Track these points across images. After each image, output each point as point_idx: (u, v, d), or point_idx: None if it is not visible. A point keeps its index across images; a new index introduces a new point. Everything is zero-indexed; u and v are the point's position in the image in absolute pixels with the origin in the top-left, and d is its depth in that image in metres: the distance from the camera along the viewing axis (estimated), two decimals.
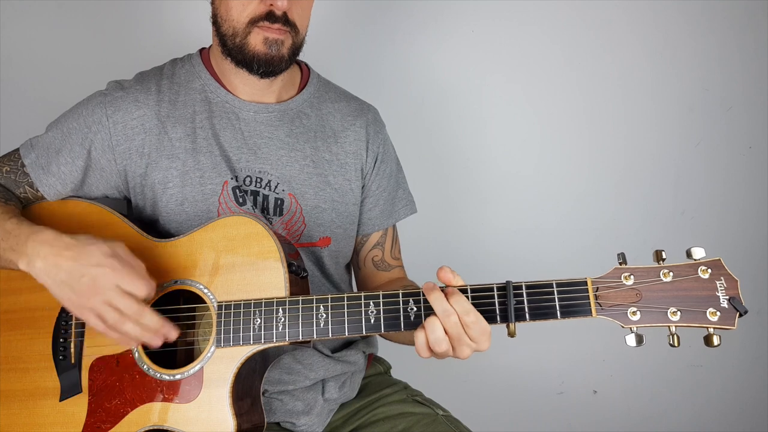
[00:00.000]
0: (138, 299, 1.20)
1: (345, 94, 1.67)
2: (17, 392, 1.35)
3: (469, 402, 1.83)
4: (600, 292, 1.13)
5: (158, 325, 1.22)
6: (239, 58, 1.43)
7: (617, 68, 2.28)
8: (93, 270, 1.20)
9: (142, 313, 1.20)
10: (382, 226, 1.65)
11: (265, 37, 1.40)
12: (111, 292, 1.19)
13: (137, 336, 1.22)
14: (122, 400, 1.29)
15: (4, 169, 1.47)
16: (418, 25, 2.22)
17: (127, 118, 1.45)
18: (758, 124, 2.35)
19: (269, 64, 1.42)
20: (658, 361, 2.37)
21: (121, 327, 1.21)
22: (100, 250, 1.21)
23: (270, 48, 1.40)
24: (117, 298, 1.19)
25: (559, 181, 2.31)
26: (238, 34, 1.41)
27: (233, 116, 1.50)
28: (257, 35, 1.40)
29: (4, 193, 1.44)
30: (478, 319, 1.14)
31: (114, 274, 1.19)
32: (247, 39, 1.40)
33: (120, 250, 1.23)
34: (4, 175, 1.47)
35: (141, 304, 1.21)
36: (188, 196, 1.44)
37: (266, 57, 1.41)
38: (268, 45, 1.40)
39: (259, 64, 1.41)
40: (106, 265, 1.20)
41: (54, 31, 2.03)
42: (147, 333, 1.22)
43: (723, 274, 1.11)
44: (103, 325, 1.21)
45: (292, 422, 1.49)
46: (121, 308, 1.20)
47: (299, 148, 1.52)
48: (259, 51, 1.40)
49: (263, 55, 1.40)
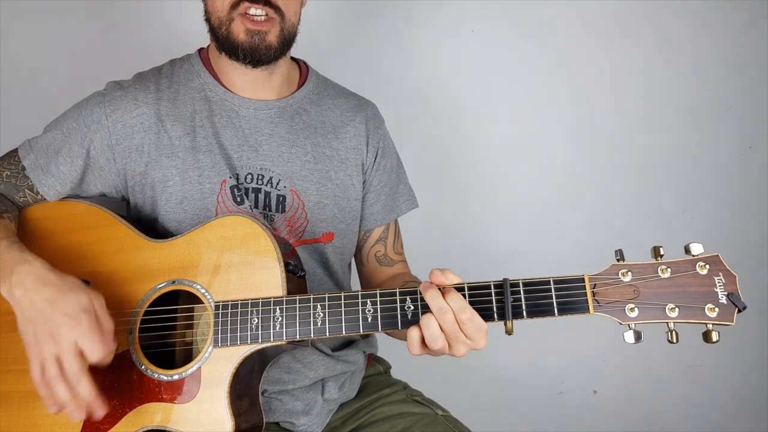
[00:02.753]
0: (84, 363, 1.17)
1: (344, 90, 1.68)
2: (16, 393, 1.34)
3: (468, 402, 1.83)
4: (597, 289, 1.13)
5: (89, 398, 1.18)
6: (227, 48, 1.45)
7: (617, 68, 2.28)
8: (60, 318, 1.18)
9: (80, 381, 1.17)
10: (384, 221, 1.65)
11: (247, 28, 1.41)
12: (65, 347, 1.17)
13: (64, 401, 1.18)
14: (120, 400, 1.28)
15: (5, 174, 1.47)
16: (418, 24, 2.22)
17: (126, 117, 1.45)
18: (758, 124, 2.35)
19: (255, 53, 1.43)
20: (658, 361, 2.37)
21: (54, 386, 1.18)
22: (77, 300, 1.19)
23: (252, 38, 1.42)
24: (66, 355, 1.17)
25: (559, 181, 2.31)
26: (223, 23, 1.43)
27: (233, 114, 1.51)
28: (239, 24, 1.42)
29: (2, 202, 1.44)
30: (473, 316, 1.13)
31: (78, 330, 1.17)
32: (230, 27, 1.42)
33: (97, 305, 1.21)
34: (4, 180, 1.47)
35: (83, 371, 1.17)
36: (188, 194, 1.44)
37: (250, 45, 1.42)
38: (249, 35, 1.42)
39: (244, 53, 1.43)
40: (74, 318, 1.17)
41: (54, 31, 2.03)
42: (74, 402, 1.18)
43: (721, 270, 1.10)
44: (40, 376, 1.19)
45: (292, 422, 1.49)
46: (65, 366, 1.17)
47: (300, 144, 1.53)
48: (242, 40, 1.42)
49: (246, 44, 1.42)
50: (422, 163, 2.11)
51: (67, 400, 1.18)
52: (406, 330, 1.24)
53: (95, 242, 1.38)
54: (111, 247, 1.37)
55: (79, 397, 1.18)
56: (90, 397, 1.18)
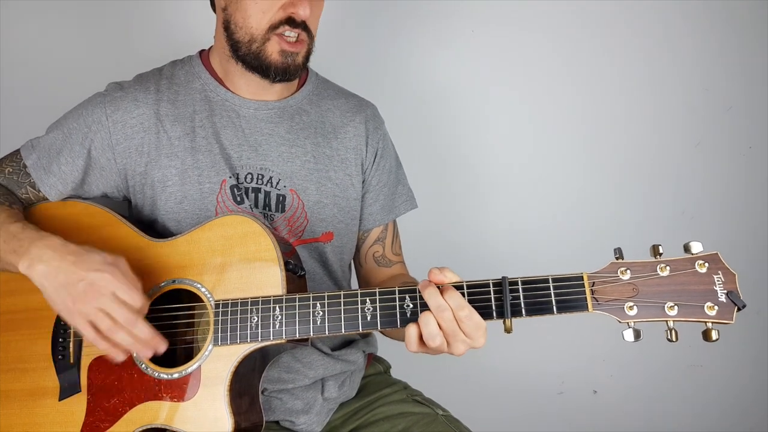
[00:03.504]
0: (132, 309, 1.20)
1: (344, 91, 1.69)
2: (17, 392, 1.35)
3: (468, 402, 1.82)
4: (596, 287, 1.13)
5: (149, 337, 1.22)
6: (254, 64, 1.45)
7: (617, 68, 2.28)
8: (92, 275, 1.20)
9: (136, 323, 1.20)
10: (382, 222, 1.66)
11: (282, 50, 1.42)
12: (106, 299, 1.19)
13: (128, 345, 1.21)
14: (121, 399, 1.29)
15: (7, 170, 1.48)
16: (418, 24, 2.22)
17: (126, 117, 1.46)
18: (758, 124, 2.34)
19: (286, 72, 1.45)
20: (658, 361, 2.36)
21: (113, 335, 1.20)
22: (101, 257, 1.22)
23: (286, 59, 1.43)
24: (112, 306, 1.19)
25: (559, 181, 2.31)
26: (256, 40, 1.43)
27: (234, 114, 1.51)
28: (274, 45, 1.42)
29: (8, 195, 1.45)
30: (471, 314, 1.14)
31: (112, 281, 1.20)
32: (264, 46, 1.43)
33: (121, 263, 1.23)
34: (6, 176, 1.48)
35: (135, 313, 1.20)
36: (188, 194, 1.45)
37: (283, 66, 1.44)
38: (284, 56, 1.43)
39: (276, 73, 1.44)
40: (106, 271, 1.20)
41: (54, 32, 2.03)
42: (138, 344, 1.21)
43: (720, 268, 1.10)
44: (95, 332, 1.21)
45: (291, 421, 1.50)
46: (115, 316, 1.20)
47: (300, 144, 1.53)
48: (276, 60, 1.43)
49: (280, 64, 1.43)
50: (421, 163, 2.10)
51: (130, 344, 1.21)
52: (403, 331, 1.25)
53: (96, 242, 1.38)
54: (112, 246, 1.37)
55: (139, 339, 1.21)
56: (150, 335, 1.21)
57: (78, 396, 1.32)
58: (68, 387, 1.33)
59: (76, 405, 1.31)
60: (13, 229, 1.30)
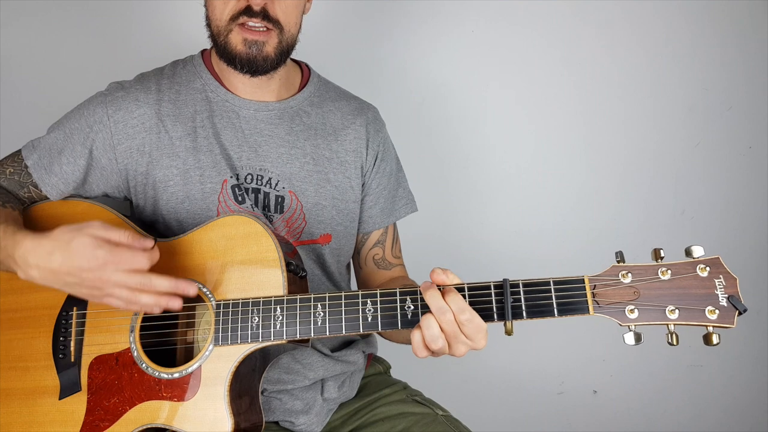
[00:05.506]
0: (141, 270, 1.20)
1: (345, 93, 1.68)
2: (17, 391, 1.35)
3: (468, 402, 1.83)
4: (597, 290, 1.13)
5: (171, 286, 1.21)
6: (225, 57, 1.46)
7: (617, 68, 2.28)
8: (86, 274, 1.20)
9: (151, 281, 1.20)
10: (382, 224, 1.66)
11: (244, 38, 1.42)
12: (117, 276, 1.19)
13: (155, 303, 1.21)
14: (121, 398, 1.29)
15: (8, 171, 1.48)
16: (417, 25, 2.22)
17: (127, 117, 1.46)
18: (758, 124, 2.35)
19: (252, 64, 1.43)
20: (658, 361, 2.37)
21: (137, 300, 1.21)
22: (82, 246, 1.20)
23: (250, 48, 1.42)
24: (124, 278, 1.19)
25: (559, 181, 2.31)
26: (221, 32, 1.43)
27: (234, 115, 1.51)
28: (237, 35, 1.42)
29: (4, 195, 1.44)
30: (473, 316, 1.14)
31: (112, 262, 1.19)
32: (228, 38, 1.43)
33: (100, 232, 1.21)
34: (8, 177, 1.47)
35: (146, 274, 1.20)
36: (189, 194, 1.45)
37: (247, 56, 1.43)
38: (247, 45, 1.42)
39: (241, 64, 1.44)
40: (96, 260, 1.19)
41: (54, 32, 2.03)
42: (163, 298, 1.21)
43: (722, 273, 1.10)
44: (125, 303, 1.22)
45: (291, 421, 1.50)
46: (131, 285, 1.20)
47: (299, 146, 1.53)
48: (240, 51, 1.43)
49: (244, 54, 1.43)
50: (422, 165, 2.11)
51: (155, 301, 1.21)
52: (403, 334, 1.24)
53: None
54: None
55: (163, 292, 1.21)
56: (171, 285, 1.21)
57: (78, 395, 1.32)
58: (69, 386, 1.33)
59: (76, 404, 1.31)
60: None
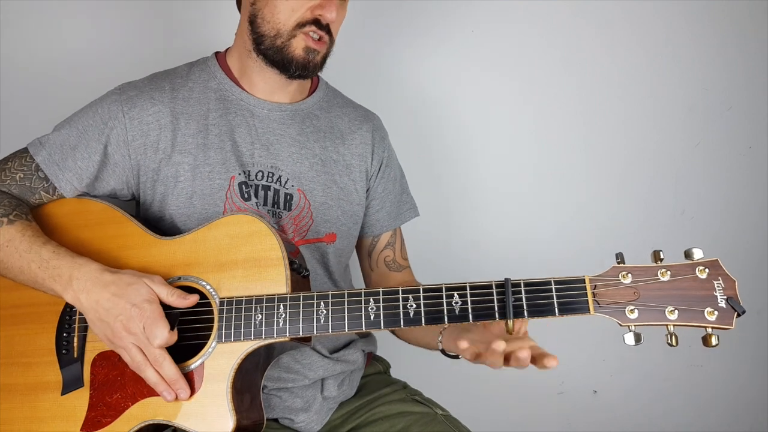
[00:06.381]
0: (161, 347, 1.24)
1: (350, 101, 1.73)
2: (19, 386, 1.36)
3: (468, 402, 1.83)
4: (598, 290, 1.14)
5: (173, 377, 1.25)
6: (276, 58, 1.48)
7: (617, 68, 2.28)
8: (127, 312, 1.24)
9: (162, 363, 1.24)
10: (390, 227, 1.70)
11: (307, 46, 1.46)
12: (140, 337, 1.24)
13: (155, 382, 1.25)
14: (123, 394, 1.29)
15: (18, 176, 1.46)
16: (416, 27, 2.21)
17: (143, 114, 1.47)
18: (758, 124, 2.35)
19: (305, 69, 1.48)
20: (658, 361, 2.37)
21: (144, 370, 1.25)
22: (137, 292, 1.26)
23: (308, 54, 1.47)
24: (144, 343, 1.24)
25: (559, 182, 2.31)
26: (282, 36, 1.46)
27: (248, 113, 1.54)
28: (300, 41, 1.46)
29: (20, 207, 1.43)
30: None
31: (142, 319, 1.23)
32: (289, 42, 1.46)
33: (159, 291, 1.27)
34: (18, 183, 1.46)
35: (164, 354, 1.24)
36: (198, 190, 1.46)
37: (304, 62, 1.47)
38: (307, 52, 1.46)
39: (296, 68, 1.48)
40: (139, 308, 1.24)
41: (54, 32, 2.02)
42: (163, 383, 1.25)
43: (721, 274, 1.11)
44: (133, 363, 1.27)
45: (291, 419, 1.51)
46: (147, 353, 1.25)
47: (309, 147, 1.56)
48: (299, 56, 1.46)
49: (302, 60, 1.47)
50: (422, 166, 2.11)
51: (157, 381, 1.25)
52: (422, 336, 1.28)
53: (103, 238, 1.40)
54: (119, 243, 1.39)
55: (166, 378, 1.25)
56: (174, 377, 1.24)
57: (80, 391, 1.32)
58: (71, 381, 1.33)
59: (79, 400, 1.32)
60: (45, 253, 1.33)
